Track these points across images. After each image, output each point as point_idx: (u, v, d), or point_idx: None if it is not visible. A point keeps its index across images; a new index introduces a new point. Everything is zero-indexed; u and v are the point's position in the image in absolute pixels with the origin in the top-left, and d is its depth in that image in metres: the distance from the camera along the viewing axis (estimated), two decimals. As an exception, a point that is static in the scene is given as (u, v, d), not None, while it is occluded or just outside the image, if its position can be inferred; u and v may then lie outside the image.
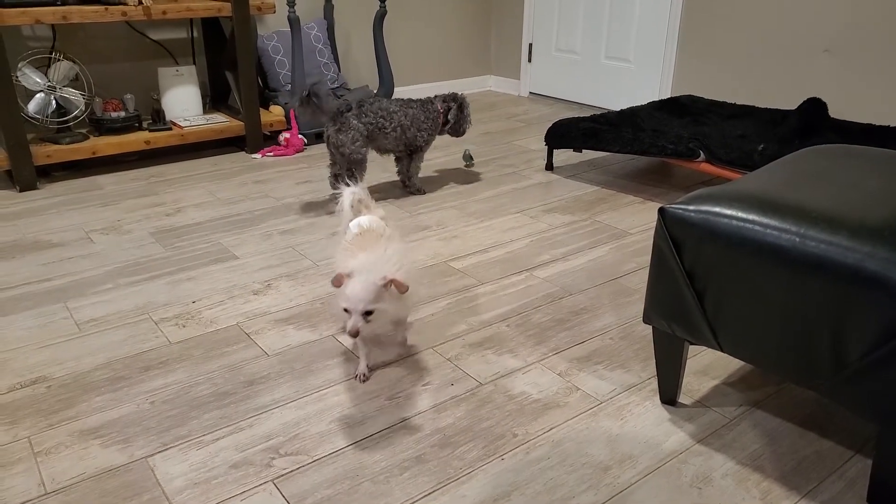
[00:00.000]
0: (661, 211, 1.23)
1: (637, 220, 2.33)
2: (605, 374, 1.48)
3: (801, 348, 1.10)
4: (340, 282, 1.26)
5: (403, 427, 1.31)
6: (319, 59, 3.36)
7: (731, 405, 1.38)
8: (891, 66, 2.70)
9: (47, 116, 2.61)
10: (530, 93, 4.22)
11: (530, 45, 4.11)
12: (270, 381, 1.44)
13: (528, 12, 4.05)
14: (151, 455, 1.23)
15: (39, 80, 2.57)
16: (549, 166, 2.84)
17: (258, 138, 2.99)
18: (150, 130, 2.82)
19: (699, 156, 2.34)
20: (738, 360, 1.45)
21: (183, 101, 2.99)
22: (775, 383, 1.45)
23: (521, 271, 1.95)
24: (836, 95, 2.88)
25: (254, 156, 2.99)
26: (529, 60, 4.15)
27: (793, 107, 3.02)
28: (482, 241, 2.14)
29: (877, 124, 2.54)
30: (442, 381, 1.45)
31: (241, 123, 2.96)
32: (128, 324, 1.66)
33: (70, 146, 2.61)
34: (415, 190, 2.57)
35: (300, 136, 3.08)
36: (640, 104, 3.44)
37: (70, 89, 2.64)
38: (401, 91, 3.98)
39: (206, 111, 3.12)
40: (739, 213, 1.14)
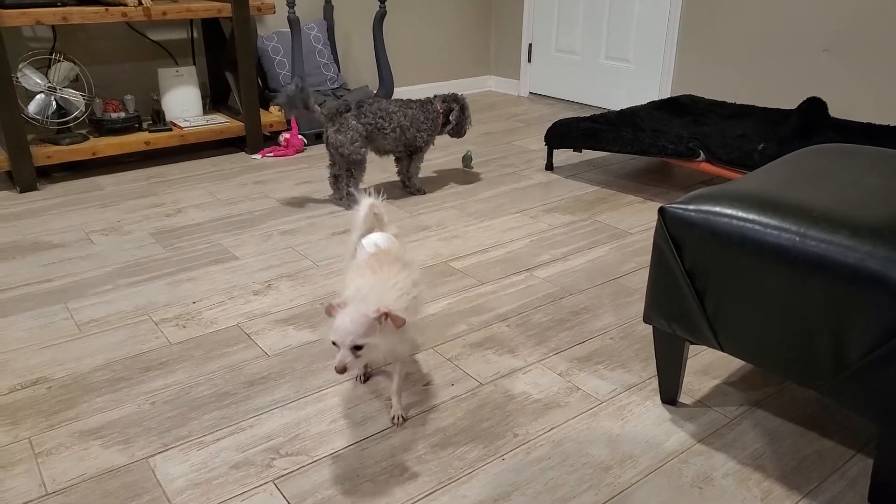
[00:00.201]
0: (661, 211, 1.23)
1: (637, 219, 2.33)
2: (605, 374, 1.48)
3: (802, 348, 1.10)
4: (333, 312, 1.15)
5: (403, 427, 1.31)
6: (319, 60, 3.36)
7: (731, 405, 1.38)
8: (890, 66, 2.70)
9: (47, 117, 2.61)
10: (530, 93, 4.22)
11: (530, 45, 4.11)
12: (271, 381, 1.44)
13: (528, 12, 4.05)
14: (152, 456, 1.23)
15: (40, 81, 2.57)
16: (549, 166, 2.84)
17: (258, 139, 3.00)
18: (150, 131, 2.82)
19: (699, 155, 2.34)
20: (739, 359, 1.45)
21: (183, 101, 2.99)
22: (776, 383, 1.45)
23: (522, 271, 1.94)
24: (835, 95, 2.88)
25: (254, 156, 2.99)
26: (529, 60, 4.15)
27: (793, 106, 3.02)
28: (482, 241, 2.14)
29: (877, 123, 2.54)
30: (442, 381, 1.45)
31: (241, 124, 2.96)
32: (128, 324, 1.66)
33: (70, 147, 2.61)
34: (415, 190, 2.57)
35: (300, 137, 3.08)
36: (639, 104, 3.44)
37: (70, 90, 2.64)
38: (401, 91, 3.98)
39: (206, 112, 3.12)
40: (739, 213, 1.14)
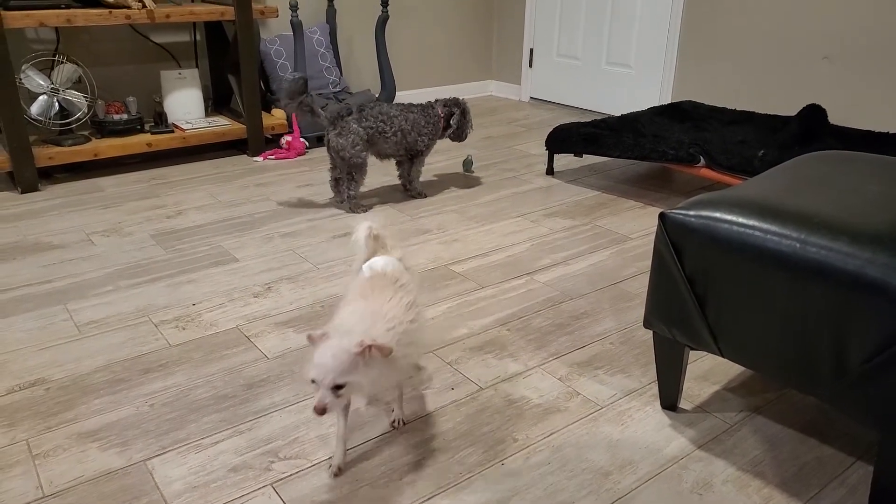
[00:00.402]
0: (662, 216, 1.23)
1: (637, 224, 2.33)
2: (605, 379, 1.47)
3: (802, 354, 1.10)
4: (313, 342, 1.07)
5: (403, 431, 1.31)
6: (322, 63, 3.37)
7: (731, 411, 1.38)
8: (889, 73, 2.71)
9: (50, 118, 2.62)
10: (531, 98, 4.23)
11: (531, 50, 4.12)
12: (270, 384, 1.44)
13: (530, 17, 4.06)
14: (150, 458, 1.23)
15: (42, 83, 2.58)
16: (550, 171, 2.85)
17: (260, 141, 3.00)
18: (152, 133, 2.82)
19: (699, 161, 2.34)
20: (739, 365, 1.44)
21: (185, 103, 3.00)
22: (776, 389, 1.45)
23: (522, 275, 1.94)
24: (835, 102, 2.88)
25: (255, 159, 2.99)
26: (530, 65, 4.15)
27: (792, 113, 3.02)
28: (483, 245, 2.14)
29: (876, 131, 2.54)
30: (442, 386, 1.44)
31: (243, 126, 2.96)
32: (128, 326, 1.66)
33: (72, 148, 2.62)
34: (416, 194, 2.57)
35: (302, 140, 3.08)
36: (640, 109, 3.45)
37: (73, 91, 2.65)
38: (402, 95, 3.98)
39: (208, 114, 3.12)
40: (740, 219, 1.14)
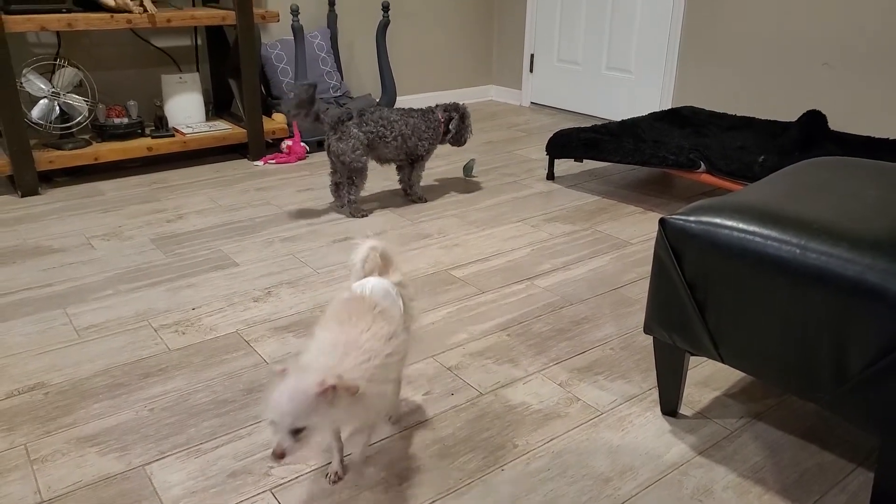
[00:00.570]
0: (662, 222, 1.23)
1: (638, 230, 2.33)
2: (605, 385, 1.47)
3: (803, 360, 1.10)
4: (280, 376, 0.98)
5: (403, 437, 1.30)
6: (322, 68, 3.37)
7: (732, 417, 1.38)
8: (889, 80, 2.71)
9: (51, 122, 2.62)
10: (531, 103, 4.24)
11: (532, 55, 4.13)
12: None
13: (530, 23, 4.07)
14: (149, 463, 1.22)
15: (43, 87, 2.58)
16: (550, 176, 2.85)
17: (260, 145, 3.00)
18: (153, 137, 2.83)
19: (700, 167, 2.35)
20: (740, 371, 1.44)
21: (186, 108, 3.00)
22: (776, 395, 1.45)
23: (522, 280, 1.94)
24: (835, 108, 2.89)
25: (256, 163, 3.00)
26: (531, 71, 4.16)
27: (792, 119, 3.03)
28: (483, 250, 2.14)
29: (876, 137, 2.55)
30: (442, 391, 1.44)
31: (244, 131, 2.96)
32: (127, 330, 1.65)
33: (73, 152, 2.62)
34: (416, 198, 2.57)
35: (302, 144, 3.08)
36: (640, 115, 3.45)
37: (74, 95, 2.65)
38: (403, 100, 3.99)
39: (208, 118, 3.13)
40: (740, 225, 1.14)
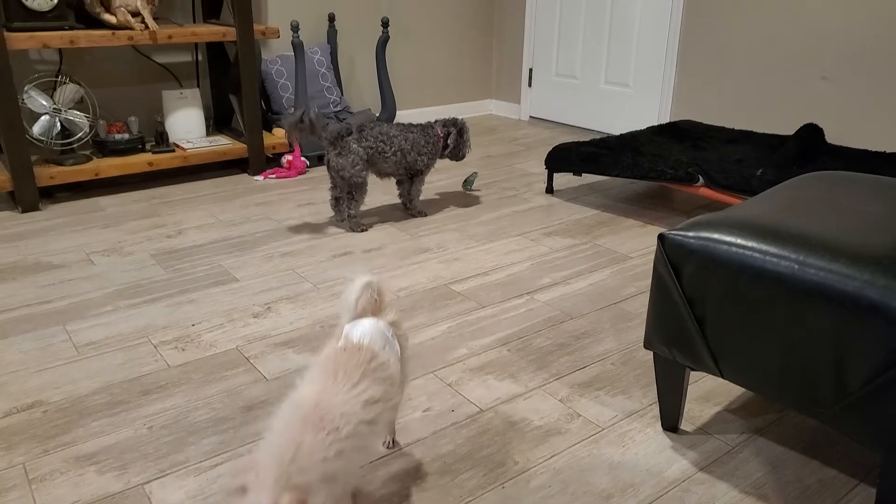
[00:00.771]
0: (661, 237, 1.23)
1: (637, 243, 2.33)
2: (606, 401, 1.47)
3: (803, 376, 1.10)
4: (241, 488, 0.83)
5: (403, 454, 1.30)
6: (322, 83, 3.39)
7: (733, 432, 1.37)
8: (886, 94, 2.73)
9: (52, 138, 2.63)
10: (530, 116, 4.26)
11: (530, 69, 4.15)
12: (269, 406, 1.43)
13: (529, 37, 4.10)
14: (148, 482, 1.22)
15: (45, 103, 2.59)
16: (550, 189, 2.86)
17: (261, 160, 3.01)
18: (153, 152, 2.84)
19: (698, 181, 2.35)
20: (740, 386, 1.44)
21: (186, 123, 3.02)
22: (777, 410, 1.44)
23: (522, 294, 1.94)
24: (833, 121, 2.90)
25: (256, 178, 3.01)
26: (530, 85, 4.19)
27: (790, 132, 3.04)
28: (483, 264, 2.15)
29: (873, 150, 2.56)
30: (442, 407, 1.44)
31: (244, 146, 2.98)
32: (127, 347, 1.65)
33: (73, 167, 2.63)
34: (416, 212, 2.58)
35: (302, 159, 3.09)
36: (639, 129, 3.47)
37: (75, 111, 2.67)
38: (403, 114, 4.01)
39: (209, 133, 3.14)
40: (739, 240, 1.15)
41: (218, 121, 3.26)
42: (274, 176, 3.01)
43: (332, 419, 0.91)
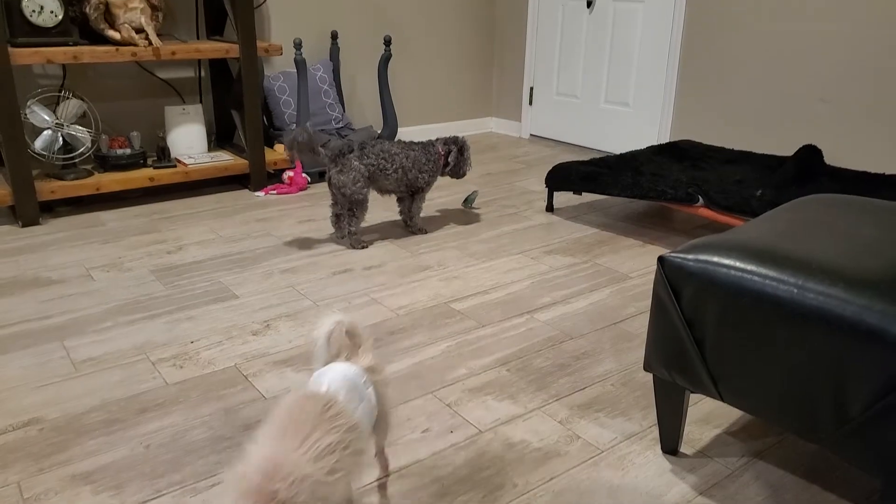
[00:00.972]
0: (661, 259, 1.23)
1: (637, 263, 2.33)
2: (606, 422, 1.46)
3: (803, 400, 1.10)
4: None
5: (401, 476, 1.29)
6: (325, 100, 3.41)
7: (733, 455, 1.36)
8: (884, 116, 2.75)
9: (53, 153, 2.64)
10: (531, 134, 4.28)
11: (531, 88, 4.18)
12: (267, 425, 1.43)
13: (530, 57, 4.13)
14: (144, 502, 1.21)
15: (47, 118, 2.61)
16: (550, 208, 2.86)
17: (262, 176, 3.02)
18: (155, 167, 2.85)
19: (698, 201, 2.36)
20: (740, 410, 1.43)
21: (188, 138, 3.03)
22: (777, 433, 1.43)
23: (522, 314, 1.94)
24: (830, 143, 2.92)
25: (257, 194, 3.01)
26: (530, 103, 4.21)
27: (788, 153, 3.06)
28: (483, 283, 2.15)
29: (871, 172, 2.57)
30: (441, 428, 1.43)
31: (246, 161, 2.99)
32: (125, 364, 1.65)
33: (74, 182, 2.64)
34: (416, 230, 2.58)
35: (304, 175, 3.11)
36: (639, 148, 3.49)
37: (77, 126, 2.68)
38: (404, 131, 4.03)
39: (211, 149, 3.16)
40: (738, 263, 1.15)
41: (220, 136, 3.28)
42: (275, 192, 3.02)
43: (286, 489, 0.83)
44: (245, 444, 0.92)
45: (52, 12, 2.48)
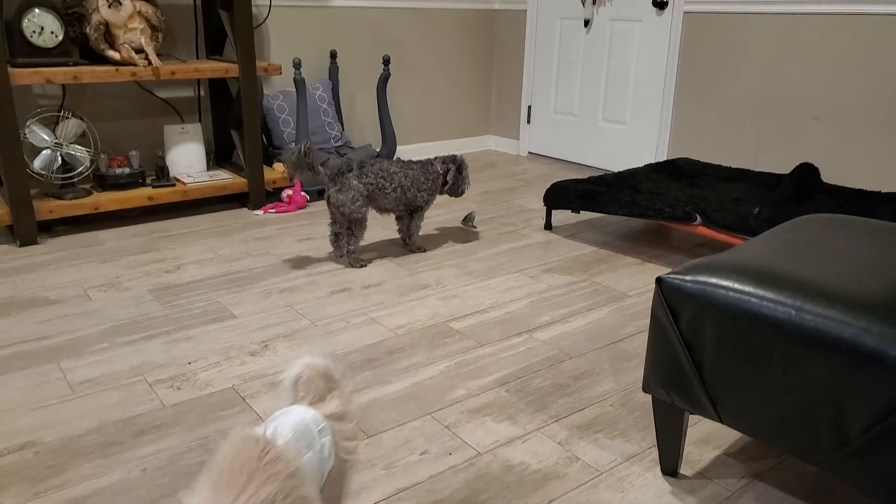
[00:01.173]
0: (659, 281, 1.24)
1: (635, 281, 2.33)
2: (605, 443, 1.45)
3: (801, 422, 1.09)
4: None
5: (399, 499, 1.28)
6: (324, 119, 3.43)
7: (732, 477, 1.35)
8: (878, 134, 2.77)
9: (52, 172, 2.65)
10: (529, 152, 4.30)
11: (529, 107, 4.21)
12: (264, 447, 1.42)
13: (528, 75, 4.17)
14: (140, 526, 1.20)
15: (46, 138, 2.62)
16: (548, 226, 2.87)
17: (261, 195, 3.03)
18: (154, 186, 2.85)
19: (695, 219, 2.37)
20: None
21: (187, 157, 3.04)
22: (776, 454, 1.43)
23: (521, 333, 1.94)
24: (826, 161, 2.94)
25: (256, 212, 3.02)
26: (528, 122, 4.24)
27: (785, 171, 3.07)
28: (481, 301, 2.14)
29: (867, 189, 2.58)
30: (440, 450, 1.42)
31: (245, 180, 3.00)
32: (122, 385, 1.64)
33: (73, 201, 2.64)
34: (415, 248, 2.59)
35: (303, 194, 3.11)
36: (636, 166, 3.50)
37: (76, 146, 2.69)
38: (403, 150, 4.05)
39: (210, 168, 3.17)
40: (736, 285, 1.15)
41: (219, 155, 3.29)
42: (274, 210, 3.03)
43: None
44: (182, 496, 0.86)
45: (52, 33, 2.51)
